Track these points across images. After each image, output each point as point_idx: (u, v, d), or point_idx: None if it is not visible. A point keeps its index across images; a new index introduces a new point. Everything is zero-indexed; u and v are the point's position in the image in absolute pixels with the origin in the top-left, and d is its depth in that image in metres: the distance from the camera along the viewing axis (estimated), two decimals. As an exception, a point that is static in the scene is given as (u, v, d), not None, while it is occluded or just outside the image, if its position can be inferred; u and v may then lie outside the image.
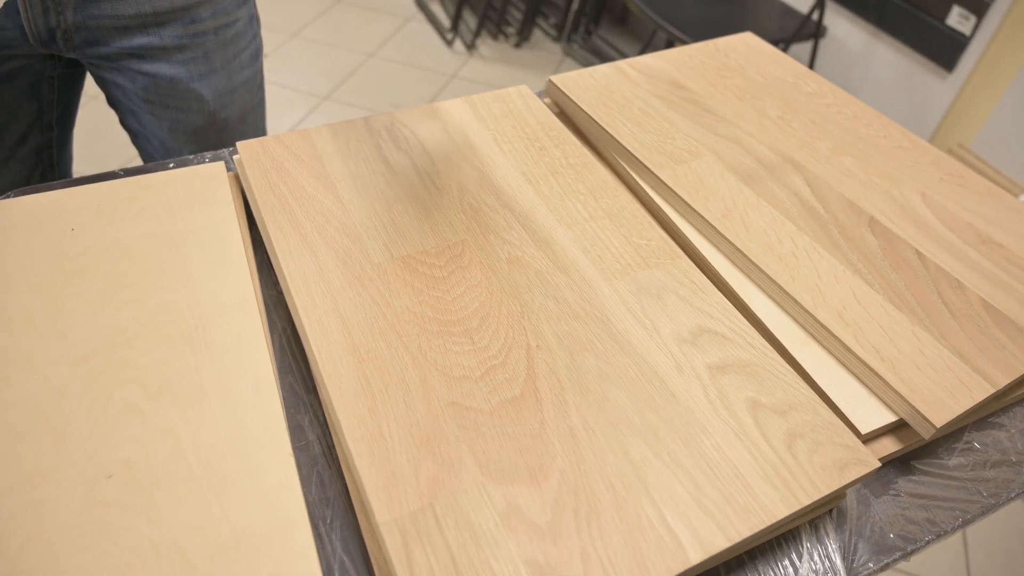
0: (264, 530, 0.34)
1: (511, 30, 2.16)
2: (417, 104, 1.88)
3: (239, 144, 0.55)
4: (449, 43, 2.12)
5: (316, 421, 0.42)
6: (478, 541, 0.33)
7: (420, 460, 0.36)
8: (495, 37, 2.15)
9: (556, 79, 0.66)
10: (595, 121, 0.61)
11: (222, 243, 0.49)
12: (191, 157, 0.61)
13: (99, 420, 0.38)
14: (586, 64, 2.08)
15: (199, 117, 0.71)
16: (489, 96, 0.64)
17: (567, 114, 0.66)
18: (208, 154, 0.62)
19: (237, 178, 0.56)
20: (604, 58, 2.06)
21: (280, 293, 0.50)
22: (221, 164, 0.55)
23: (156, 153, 0.76)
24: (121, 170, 0.59)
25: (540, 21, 2.22)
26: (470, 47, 2.10)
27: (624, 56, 2.04)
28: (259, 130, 0.81)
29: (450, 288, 0.45)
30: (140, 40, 0.64)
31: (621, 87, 0.65)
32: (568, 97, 0.64)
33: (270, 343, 0.46)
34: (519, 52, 2.10)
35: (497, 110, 0.62)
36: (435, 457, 0.36)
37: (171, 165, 0.60)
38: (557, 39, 2.17)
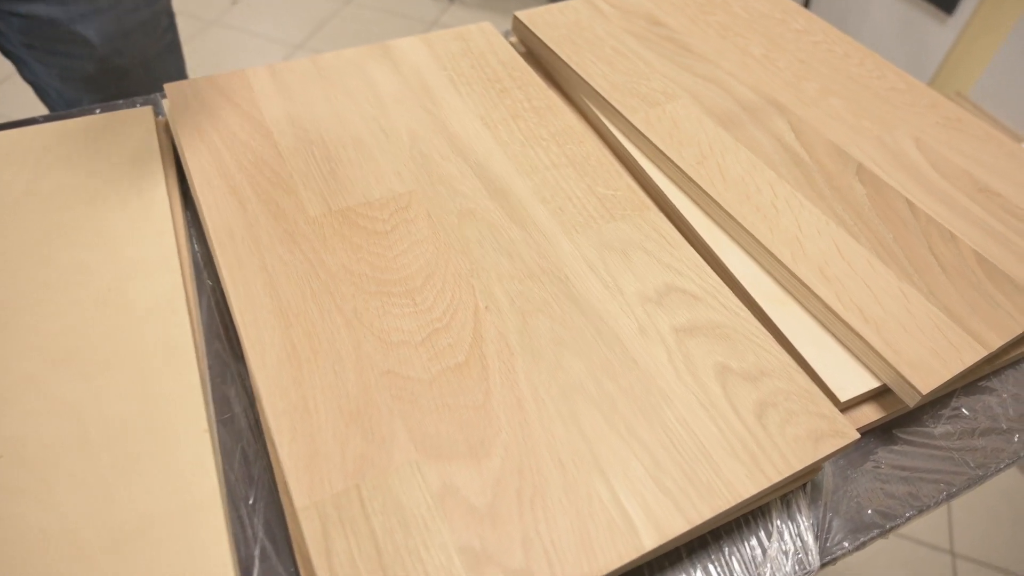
0: (171, 515, 0.31)
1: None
2: (395, 53, 1.80)
3: (167, 86, 0.50)
4: (429, -12, 2.02)
5: (244, 392, 0.38)
6: (407, 527, 0.29)
7: (348, 436, 0.32)
8: (476, -18, 2.05)
9: (522, 15, 0.60)
10: (562, 60, 0.56)
11: (146, 196, 0.44)
12: (120, 102, 0.56)
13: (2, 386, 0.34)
14: (572, 10, 1.98)
15: (89, 63, 0.65)
16: (448, 34, 0.58)
17: (534, 54, 0.60)
18: (140, 99, 0.57)
19: (168, 125, 0.51)
20: None
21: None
22: (149, 109, 0.50)
23: (56, 105, 0.69)
24: (42, 116, 0.54)
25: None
26: (451, -7, 2.00)
27: None
28: (172, 79, 0.74)
29: (393, 244, 0.41)
30: None
31: (593, 24, 0.60)
32: (534, 34, 0.58)
33: (197, 306, 0.42)
34: (502, -2, 2.01)
35: (456, 49, 0.57)
36: (365, 433, 0.32)
37: (97, 111, 0.55)
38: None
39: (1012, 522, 1.13)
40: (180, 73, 0.75)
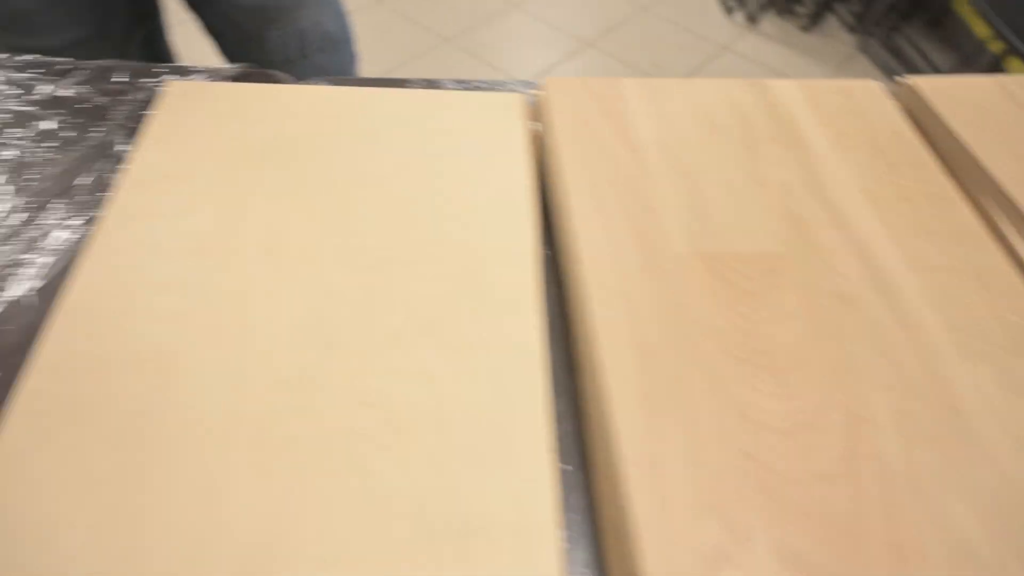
0: (509, 525, 0.30)
1: (802, 10, 1.94)
2: (679, 71, 1.76)
3: (548, 80, 0.51)
4: (729, 11, 1.95)
5: (570, 411, 0.37)
6: (760, 647, 0.26)
7: (703, 515, 0.29)
8: (781, 14, 1.94)
9: (919, 82, 0.54)
10: (964, 147, 0.48)
11: (510, 185, 0.45)
12: (482, 82, 0.58)
13: (366, 341, 0.36)
14: (883, 65, 1.81)
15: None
16: (829, 85, 0.53)
17: (922, 128, 0.53)
18: (513, 82, 0.58)
19: (534, 114, 0.52)
20: (906, 62, 1.78)
21: (554, 254, 0.45)
22: (521, 97, 0.51)
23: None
24: (421, 80, 0.58)
25: (838, 6, 1.97)
26: (752, 20, 1.92)
27: (932, 65, 1.75)
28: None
29: (759, 308, 0.38)
30: None
31: (1003, 109, 0.51)
32: (930, 108, 0.52)
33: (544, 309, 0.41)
34: (805, 36, 1.89)
35: (838, 104, 0.52)
36: (722, 518, 0.29)
37: (478, 86, 0.57)
38: (853, 30, 1.91)
39: None
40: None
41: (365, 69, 0.91)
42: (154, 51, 0.79)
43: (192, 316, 0.37)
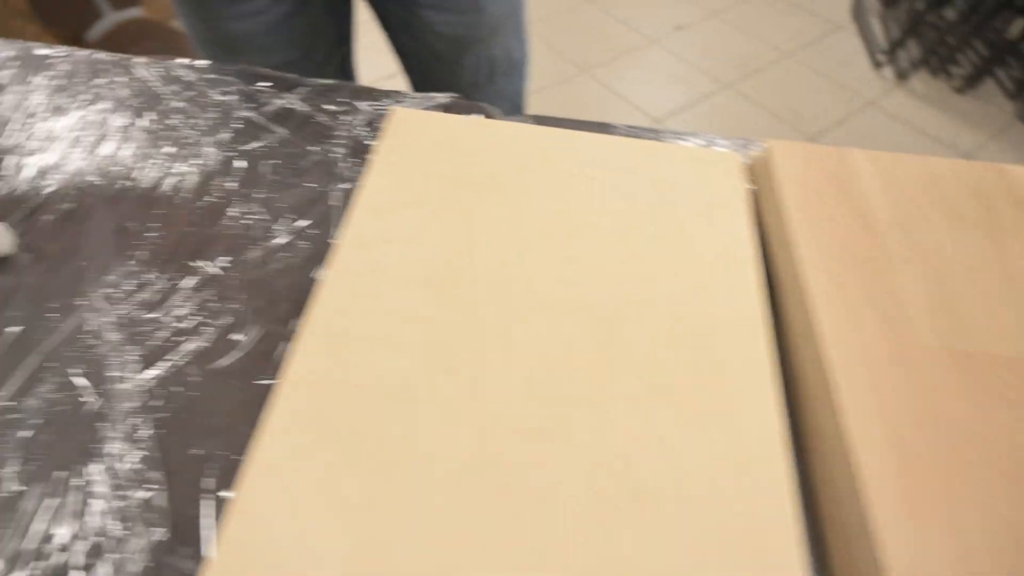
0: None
1: (958, 71, 1.84)
2: (819, 122, 1.71)
3: (773, 143, 0.50)
4: (878, 65, 1.88)
5: (808, 506, 0.36)
6: None
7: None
8: (935, 73, 1.85)
9: None
10: None
11: (734, 246, 0.44)
12: (679, 134, 0.57)
13: (602, 399, 0.36)
14: (1043, 136, 1.69)
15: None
16: (1077, 177, 0.49)
17: None
18: (724, 139, 0.57)
19: (749, 173, 0.51)
20: (1072, 136, 1.66)
21: (780, 326, 0.43)
22: (738, 157, 0.50)
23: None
24: (624, 126, 0.58)
25: (998, 70, 1.86)
26: (902, 77, 1.84)
27: (1104, 142, 1.62)
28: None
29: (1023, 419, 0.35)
30: None
31: None
32: None
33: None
34: (959, 99, 1.79)
35: (1088, 199, 0.48)
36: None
37: (672, 139, 0.57)
38: (1013, 97, 1.80)
39: None
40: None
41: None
42: (345, 73, 0.82)
43: (429, 349, 0.38)
